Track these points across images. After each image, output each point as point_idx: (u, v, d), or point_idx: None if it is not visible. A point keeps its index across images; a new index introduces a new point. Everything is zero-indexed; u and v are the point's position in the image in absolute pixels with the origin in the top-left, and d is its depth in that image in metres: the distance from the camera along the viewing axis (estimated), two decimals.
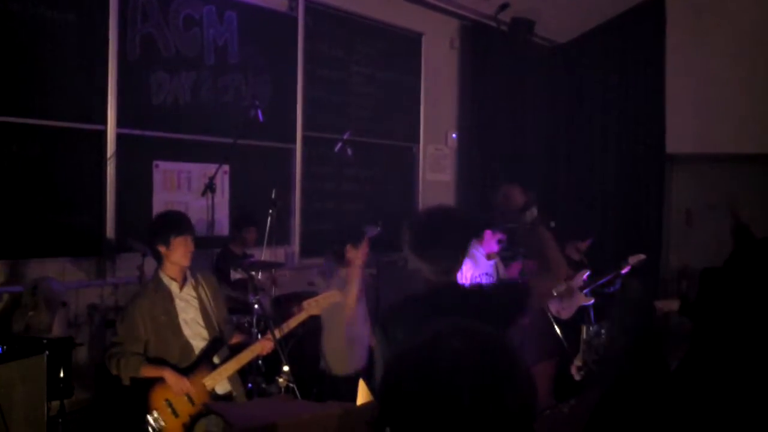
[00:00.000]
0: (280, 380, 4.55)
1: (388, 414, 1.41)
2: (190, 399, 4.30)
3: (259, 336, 5.06)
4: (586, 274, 7.36)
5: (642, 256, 7.35)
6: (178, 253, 4.36)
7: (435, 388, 1.36)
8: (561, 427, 4.62)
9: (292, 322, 4.74)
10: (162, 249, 4.38)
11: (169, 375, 4.25)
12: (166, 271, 4.44)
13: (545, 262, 3.15)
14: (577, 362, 7.17)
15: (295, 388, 4.38)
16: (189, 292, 4.50)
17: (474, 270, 6.33)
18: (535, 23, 9.70)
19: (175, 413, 4.26)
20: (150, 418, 4.24)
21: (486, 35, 9.77)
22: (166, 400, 4.26)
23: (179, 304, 4.44)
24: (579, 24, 10.33)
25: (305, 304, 4.75)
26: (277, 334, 4.59)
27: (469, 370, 1.37)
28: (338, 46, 8.29)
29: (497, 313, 2.94)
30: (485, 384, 1.36)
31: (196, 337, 4.47)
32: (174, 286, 4.44)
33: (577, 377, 6.02)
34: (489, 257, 6.58)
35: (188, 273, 4.52)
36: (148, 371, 4.28)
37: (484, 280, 6.46)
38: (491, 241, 6.68)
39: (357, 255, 5.43)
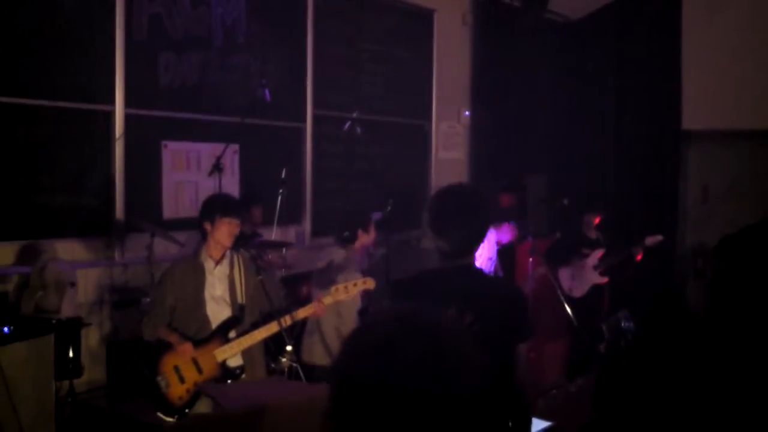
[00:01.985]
0: (284, 360, 4.55)
1: (340, 405, 1.40)
2: (198, 368, 4.52)
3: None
4: (600, 253, 7.30)
5: (659, 237, 7.25)
6: (221, 232, 4.61)
7: (387, 380, 1.35)
8: (569, 406, 4.60)
9: (311, 309, 4.72)
10: (207, 227, 4.65)
11: (175, 339, 4.55)
12: (208, 248, 4.70)
13: None
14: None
15: (299, 368, 4.37)
16: (223, 270, 4.71)
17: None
18: None
19: (181, 379, 4.51)
20: (158, 380, 4.53)
21: (499, 11, 9.67)
22: (175, 366, 4.53)
23: (210, 279, 4.67)
24: None
25: (333, 289, 4.70)
26: (299, 316, 4.66)
27: (423, 358, 1.36)
28: (348, 23, 8.22)
29: (499, 314, 2.87)
30: (436, 374, 1.36)
31: (220, 313, 4.67)
32: (209, 263, 4.68)
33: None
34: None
35: (228, 252, 4.74)
36: (162, 332, 4.61)
37: (486, 265, 6.45)
38: (508, 232, 6.69)
39: (369, 238, 5.52)
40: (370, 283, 4.71)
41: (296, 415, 1.94)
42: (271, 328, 4.52)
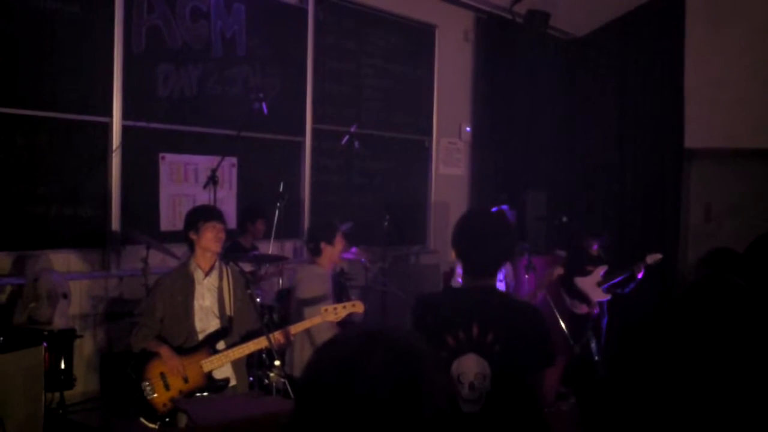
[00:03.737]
0: (272, 375, 4.52)
1: (301, 418, 1.41)
2: (184, 376, 4.51)
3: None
4: (603, 270, 7.26)
5: (659, 256, 7.20)
6: (206, 238, 4.63)
7: (349, 393, 1.37)
8: (561, 425, 4.55)
9: (305, 324, 4.72)
10: (193, 236, 4.65)
11: (164, 351, 4.53)
12: (197, 258, 4.70)
13: None
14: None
15: (287, 383, 4.34)
16: (212, 281, 4.71)
17: None
18: (550, 15, 9.57)
19: (166, 386, 4.51)
20: (143, 385, 4.50)
21: (501, 28, 9.68)
22: (161, 373, 4.53)
23: (199, 290, 4.66)
24: (596, 16, 10.20)
25: (323, 309, 4.65)
26: (291, 332, 4.62)
27: (389, 380, 1.38)
28: (349, 38, 8.22)
29: (522, 336, 2.82)
30: (403, 394, 1.38)
31: (208, 324, 4.66)
32: (198, 274, 4.68)
33: None
34: None
35: (217, 264, 4.74)
36: (151, 345, 4.58)
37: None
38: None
39: (334, 251, 5.43)
40: (359, 307, 4.65)
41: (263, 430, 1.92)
42: (260, 342, 4.50)
